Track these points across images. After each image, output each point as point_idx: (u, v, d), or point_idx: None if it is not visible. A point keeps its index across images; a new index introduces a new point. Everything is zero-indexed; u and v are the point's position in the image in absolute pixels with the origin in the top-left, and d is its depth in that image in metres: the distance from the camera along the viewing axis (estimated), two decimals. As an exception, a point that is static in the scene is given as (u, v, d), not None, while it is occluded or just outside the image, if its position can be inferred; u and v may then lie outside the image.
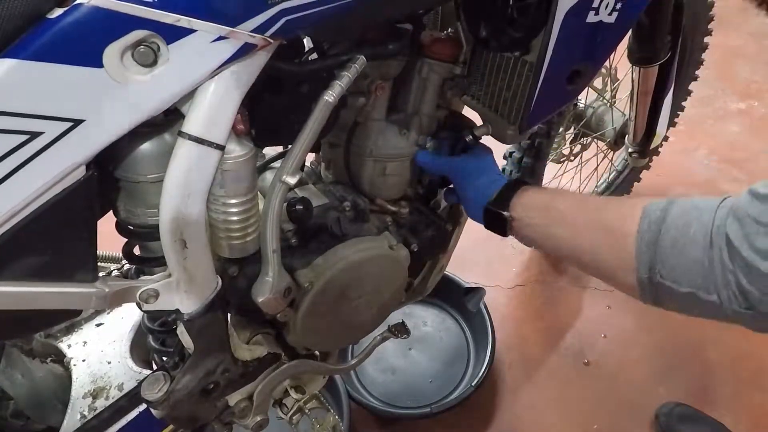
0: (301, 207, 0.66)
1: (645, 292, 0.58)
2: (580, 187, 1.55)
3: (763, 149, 1.90)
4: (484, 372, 1.19)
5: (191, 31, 0.43)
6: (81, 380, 0.80)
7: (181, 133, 0.48)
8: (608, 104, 1.36)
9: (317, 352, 0.83)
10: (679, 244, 0.54)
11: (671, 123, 1.45)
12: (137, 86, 0.43)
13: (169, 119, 0.51)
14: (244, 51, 0.46)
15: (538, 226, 0.69)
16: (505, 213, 0.70)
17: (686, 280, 0.54)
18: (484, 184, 0.74)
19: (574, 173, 1.51)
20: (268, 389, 0.74)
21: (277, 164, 0.75)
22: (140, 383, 0.71)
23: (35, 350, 0.83)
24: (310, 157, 0.84)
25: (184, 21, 0.42)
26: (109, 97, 0.42)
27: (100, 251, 0.67)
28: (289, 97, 0.56)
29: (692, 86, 1.43)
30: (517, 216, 0.70)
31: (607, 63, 1.28)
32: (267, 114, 0.57)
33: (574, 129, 1.40)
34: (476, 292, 1.30)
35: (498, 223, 0.72)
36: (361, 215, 0.74)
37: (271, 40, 0.47)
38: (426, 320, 1.41)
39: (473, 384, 1.18)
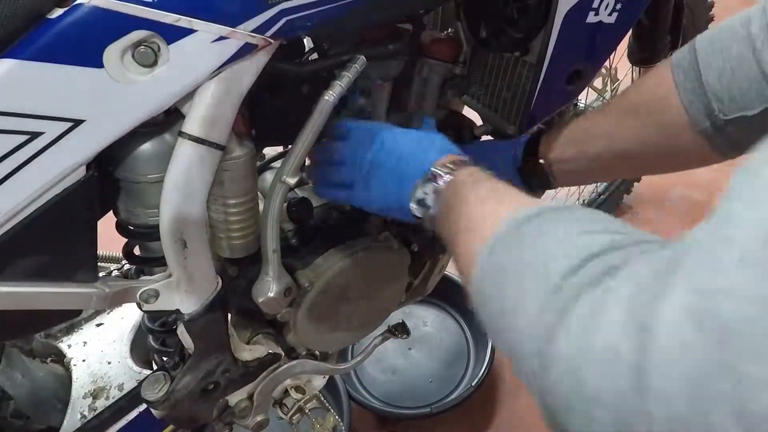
0: (302, 207, 0.66)
1: (716, 145, 0.53)
2: (580, 186, 1.55)
3: (763, 149, 1.90)
4: (484, 372, 1.19)
5: (191, 31, 0.43)
6: (81, 380, 0.80)
7: (181, 133, 0.48)
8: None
9: (317, 352, 0.83)
10: (726, 72, 0.50)
11: (671, 123, 1.45)
12: (137, 86, 0.43)
13: (170, 119, 0.51)
14: (245, 51, 0.46)
15: (577, 155, 0.66)
16: (540, 161, 0.68)
17: (748, 102, 0.49)
18: (503, 152, 0.73)
19: (574, 173, 1.50)
20: (268, 389, 0.75)
21: (277, 164, 0.75)
22: (140, 383, 0.71)
23: (35, 350, 0.83)
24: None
25: (184, 21, 0.42)
26: (110, 98, 0.43)
27: (100, 251, 0.67)
28: (289, 98, 0.56)
29: (692, 86, 1.43)
30: (550, 157, 0.67)
31: (607, 63, 1.28)
32: (267, 114, 0.57)
33: (574, 129, 1.40)
34: None
35: (538, 174, 0.70)
36: (362, 215, 0.74)
37: (272, 41, 0.47)
38: (426, 320, 1.41)
39: (473, 384, 1.18)
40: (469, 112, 0.83)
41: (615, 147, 0.61)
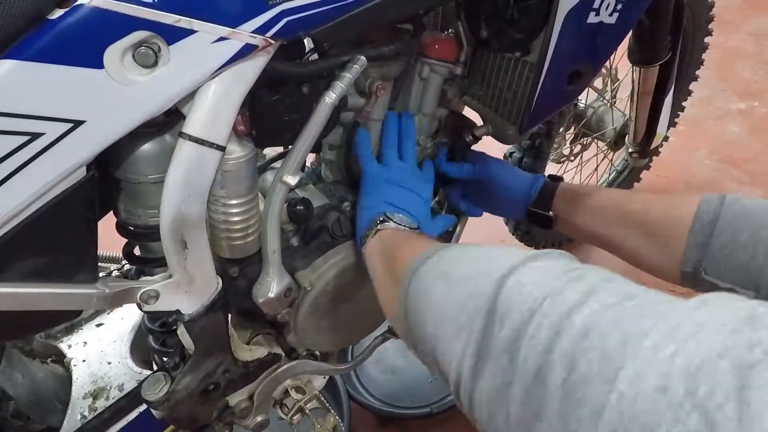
0: (302, 207, 0.66)
1: (685, 280, 0.61)
2: (580, 187, 1.55)
3: (764, 149, 1.90)
4: None
5: (192, 31, 0.43)
6: (81, 380, 0.79)
7: (181, 134, 0.48)
8: (608, 104, 1.36)
9: (317, 353, 0.83)
10: (728, 249, 0.57)
11: (671, 123, 1.45)
12: (138, 87, 0.43)
13: (170, 120, 0.51)
14: (245, 52, 0.46)
15: (579, 226, 0.74)
16: (549, 214, 0.77)
17: (729, 278, 0.57)
18: (523, 186, 0.80)
19: (574, 173, 1.51)
20: (268, 389, 0.75)
21: (277, 165, 0.75)
22: (140, 384, 0.71)
23: (35, 351, 0.83)
24: (311, 158, 0.84)
25: (184, 22, 0.42)
26: (110, 98, 0.42)
27: (100, 252, 0.67)
28: (289, 98, 0.56)
29: (692, 86, 1.43)
30: (561, 215, 0.76)
31: (607, 63, 1.28)
32: (268, 115, 0.56)
33: (575, 129, 1.40)
34: None
35: (542, 221, 0.79)
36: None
37: (272, 41, 0.47)
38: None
39: None
40: (469, 113, 0.83)
41: (615, 241, 0.70)
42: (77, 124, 0.42)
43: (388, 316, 0.57)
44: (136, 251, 0.61)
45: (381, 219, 0.64)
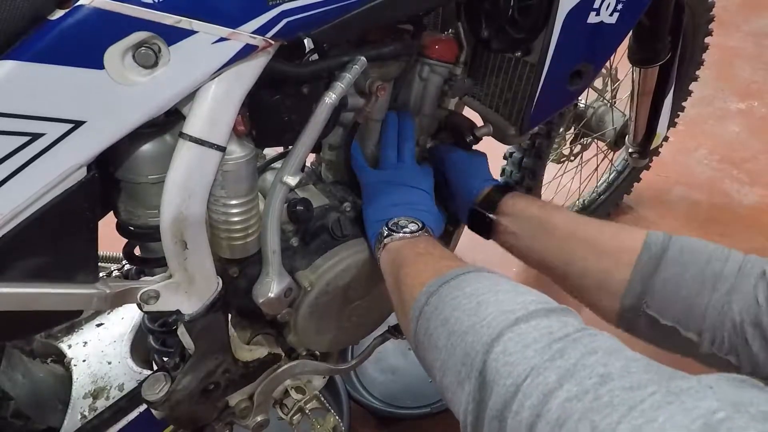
0: (302, 208, 0.66)
1: (623, 318, 0.60)
2: (580, 187, 1.55)
3: (763, 149, 1.90)
4: None
5: (192, 32, 0.43)
6: (81, 380, 0.80)
7: (181, 134, 0.48)
8: (608, 104, 1.36)
9: (317, 353, 0.83)
10: (672, 283, 0.56)
11: (671, 123, 1.45)
12: (138, 87, 0.43)
13: (170, 120, 0.51)
14: (245, 52, 0.46)
15: (523, 236, 0.69)
16: (490, 215, 0.71)
17: (671, 315, 0.56)
18: (474, 183, 0.74)
19: (574, 173, 1.51)
20: (268, 389, 0.75)
21: (277, 165, 0.75)
22: (141, 383, 0.71)
23: (36, 351, 0.83)
24: (311, 158, 0.84)
25: (185, 22, 0.42)
26: (110, 99, 0.42)
27: (100, 252, 0.67)
28: (289, 98, 0.56)
29: (692, 86, 1.43)
30: (504, 221, 0.70)
31: (607, 63, 1.28)
32: (268, 115, 0.57)
33: (575, 129, 1.40)
34: None
35: (483, 225, 0.72)
36: (362, 215, 0.74)
37: (272, 42, 0.47)
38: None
39: None
40: (469, 113, 0.83)
41: (555, 262, 0.65)
42: (78, 124, 0.42)
43: (403, 328, 0.58)
44: (137, 251, 0.62)
45: (385, 232, 0.63)
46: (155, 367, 0.80)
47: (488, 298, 0.45)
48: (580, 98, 1.29)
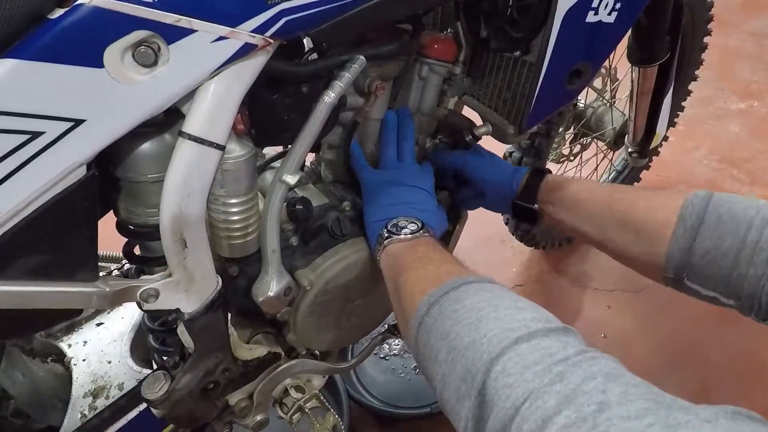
0: (301, 207, 0.66)
1: (669, 283, 0.61)
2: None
3: (763, 149, 1.90)
4: None
5: (191, 31, 0.43)
6: (81, 379, 0.80)
7: (181, 133, 0.48)
8: (608, 104, 1.36)
9: (317, 352, 0.83)
10: (710, 256, 0.56)
11: (671, 123, 1.45)
12: (138, 86, 0.43)
13: (170, 119, 0.51)
14: (244, 51, 0.46)
15: (565, 221, 0.72)
16: (534, 206, 0.74)
17: (711, 286, 0.56)
18: (505, 178, 0.76)
19: (574, 173, 1.51)
20: (268, 388, 0.75)
21: (277, 164, 0.76)
22: (140, 382, 0.71)
23: (36, 350, 0.83)
24: (310, 157, 0.84)
25: (184, 21, 0.42)
26: (110, 97, 0.43)
27: (100, 251, 0.67)
28: (289, 97, 0.56)
29: (692, 86, 1.44)
30: (545, 209, 0.73)
31: (606, 63, 1.28)
32: (267, 114, 0.57)
33: (574, 129, 1.40)
34: None
35: (527, 215, 0.75)
36: (362, 215, 0.74)
37: (271, 41, 0.47)
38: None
39: None
40: (469, 112, 0.83)
41: (598, 237, 0.68)
42: (77, 123, 0.42)
43: (403, 334, 0.58)
44: (136, 250, 0.62)
45: (385, 234, 0.63)
46: (155, 366, 0.80)
47: (488, 314, 0.45)
48: (579, 98, 1.29)
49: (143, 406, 0.76)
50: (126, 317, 0.88)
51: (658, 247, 0.59)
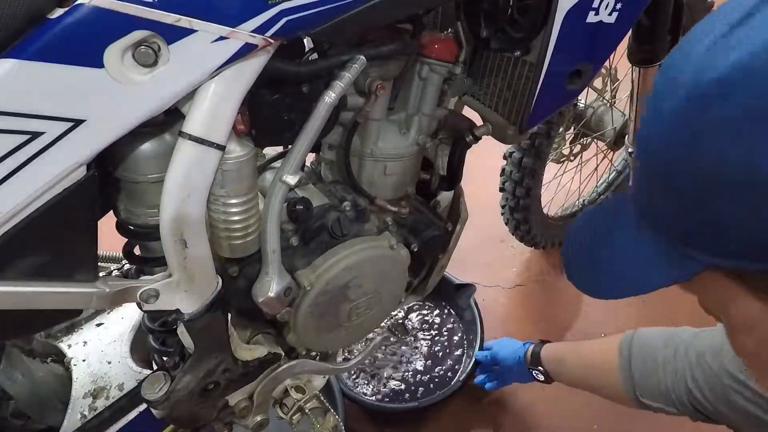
0: (302, 207, 0.66)
1: (639, 406, 0.79)
2: (580, 187, 1.55)
3: (763, 149, 1.90)
4: (470, 366, 1.20)
5: (192, 31, 0.43)
6: (81, 380, 0.80)
7: (181, 133, 0.48)
8: (608, 104, 1.36)
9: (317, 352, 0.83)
10: (644, 377, 0.76)
11: (671, 123, 1.45)
12: (138, 86, 0.43)
13: (170, 119, 0.51)
14: (245, 51, 0.46)
15: (560, 375, 0.99)
16: (541, 368, 1.01)
17: (657, 401, 0.75)
18: (519, 358, 1.07)
19: (574, 173, 1.51)
20: (268, 389, 0.75)
21: (277, 164, 0.75)
22: (140, 383, 0.71)
23: (35, 350, 0.83)
24: (311, 157, 0.84)
25: (184, 21, 0.42)
26: (110, 98, 0.43)
27: (100, 251, 0.67)
28: (289, 98, 0.56)
29: (692, 86, 1.43)
30: (548, 368, 1.00)
31: (607, 63, 1.28)
32: (267, 114, 0.57)
33: (574, 129, 1.40)
34: (467, 288, 1.32)
35: (544, 377, 1.03)
36: (362, 215, 0.74)
37: (272, 41, 0.47)
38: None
39: (461, 378, 1.19)
40: (469, 113, 0.83)
41: (586, 385, 0.92)
42: (77, 123, 0.42)
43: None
44: (136, 250, 0.62)
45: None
46: (155, 367, 0.80)
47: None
48: (579, 98, 1.29)
49: (143, 406, 0.76)
50: (126, 318, 0.88)
51: (615, 381, 0.80)
